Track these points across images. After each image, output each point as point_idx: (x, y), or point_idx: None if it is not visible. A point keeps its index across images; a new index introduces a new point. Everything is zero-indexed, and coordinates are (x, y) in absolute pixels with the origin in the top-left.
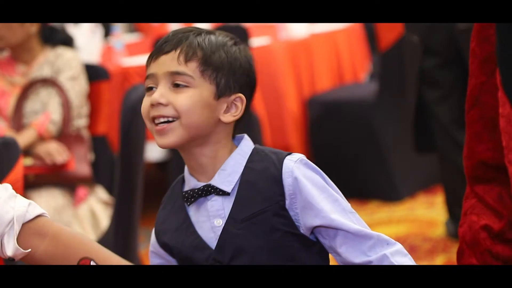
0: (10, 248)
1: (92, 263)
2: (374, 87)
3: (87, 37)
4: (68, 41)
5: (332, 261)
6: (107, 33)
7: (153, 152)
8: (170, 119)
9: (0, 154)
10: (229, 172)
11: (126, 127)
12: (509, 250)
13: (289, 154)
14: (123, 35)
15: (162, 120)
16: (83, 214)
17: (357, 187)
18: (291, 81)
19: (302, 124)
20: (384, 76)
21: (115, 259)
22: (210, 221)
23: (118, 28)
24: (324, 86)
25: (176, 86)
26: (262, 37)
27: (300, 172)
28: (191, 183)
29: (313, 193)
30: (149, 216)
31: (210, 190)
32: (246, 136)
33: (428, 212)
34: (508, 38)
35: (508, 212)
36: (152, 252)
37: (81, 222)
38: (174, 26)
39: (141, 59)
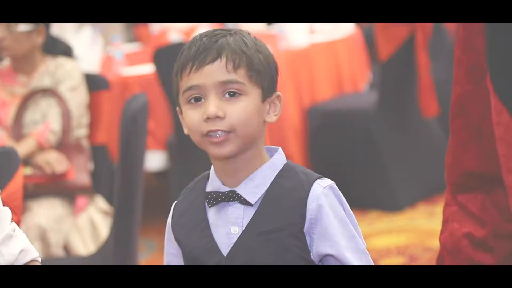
0: None
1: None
2: (373, 97)
3: (87, 47)
4: (68, 52)
5: None
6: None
7: (153, 161)
8: (226, 133)
9: (0, 163)
10: (256, 183)
11: (125, 137)
12: (490, 259)
13: (320, 178)
14: (122, 44)
15: (219, 134)
16: (83, 224)
17: (357, 197)
18: (291, 90)
19: (301, 134)
20: (384, 86)
21: None
22: (227, 226)
23: (118, 37)
24: (324, 95)
25: (231, 95)
26: None
27: (326, 200)
28: (215, 184)
29: (334, 224)
30: (148, 226)
31: (234, 197)
32: (280, 150)
33: (428, 222)
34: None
35: (492, 220)
36: (168, 240)
37: (81, 232)
38: (173, 37)
39: (141, 69)
